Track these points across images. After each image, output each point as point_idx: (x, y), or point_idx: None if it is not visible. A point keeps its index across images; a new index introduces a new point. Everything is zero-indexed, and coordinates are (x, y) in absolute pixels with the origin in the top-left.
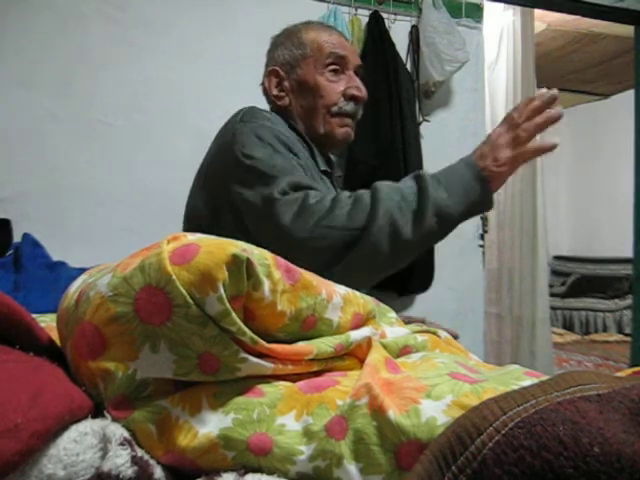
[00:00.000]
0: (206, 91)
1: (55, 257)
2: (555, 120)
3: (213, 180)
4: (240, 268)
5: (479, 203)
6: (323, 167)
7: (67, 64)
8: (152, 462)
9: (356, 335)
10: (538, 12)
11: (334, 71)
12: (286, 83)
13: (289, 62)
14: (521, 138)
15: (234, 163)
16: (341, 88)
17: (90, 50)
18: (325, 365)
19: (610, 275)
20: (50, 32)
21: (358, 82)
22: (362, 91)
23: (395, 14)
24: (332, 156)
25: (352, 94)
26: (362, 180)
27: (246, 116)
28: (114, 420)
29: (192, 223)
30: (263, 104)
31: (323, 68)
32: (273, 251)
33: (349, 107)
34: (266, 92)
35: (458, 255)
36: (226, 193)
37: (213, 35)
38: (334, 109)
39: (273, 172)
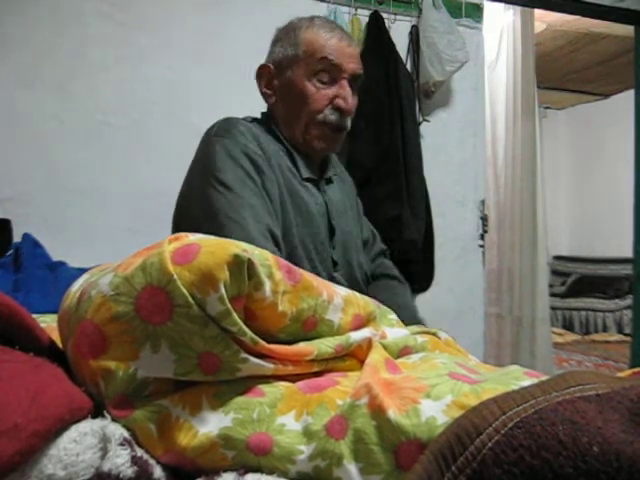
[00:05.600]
0: (206, 91)
1: (55, 257)
2: None
3: (187, 195)
4: (241, 268)
5: None
6: (306, 175)
7: (68, 64)
8: (152, 462)
9: (356, 336)
10: (538, 12)
11: (324, 79)
12: (276, 82)
13: (281, 61)
14: None
15: (205, 183)
16: (329, 96)
17: (91, 50)
18: (325, 366)
19: (610, 275)
20: (50, 33)
21: (347, 92)
22: (348, 103)
23: (395, 14)
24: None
25: (337, 105)
26: (362, 180)
27: (220, 130)
28: (114, 419)
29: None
30: (263, 104)
31: (312, 74)
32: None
33: (334, 117)
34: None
35: (458, 255)
36: (195, 207)
37: (213, 35)
38: (319, 117)
39: (241, 210)
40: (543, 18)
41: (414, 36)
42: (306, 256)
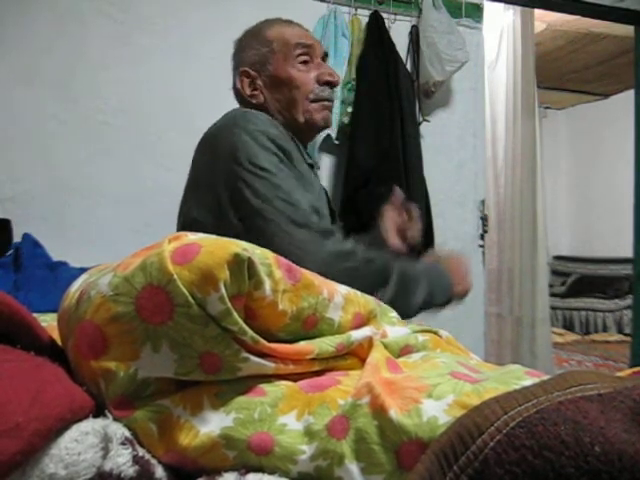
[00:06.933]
0: (206, 90)
1: (55, 257)
2: None
3: (216, 188)
4: (241, 267)
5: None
6: (310, 161)
7: (68, 64)
8: (153, 461)
9: (357, 335)
10: (538, 12)
11: (304, 62)
12: (259, 81)
13: (258, 61)
14: None
15: (244, 171)
16: (313, 76)
17: (91, 50)
18: (326, 364)
19: (610, 275)
20: (51, 32)
21: (329, 68)
22: (335, 76)
23: (395, 14)
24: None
25: (326, 80)
26: (362, 180)
27: (240, 120)
28: (115, 419)
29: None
30: None
31: (293, 60)
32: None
33: (325, 93)
34: (239, 94)
35: None
36: (234, 200)
37: (213, 35)
38: (311, 96)
39: (290, 192)
40: (543, 18)
41: (414, 36)
42: None
